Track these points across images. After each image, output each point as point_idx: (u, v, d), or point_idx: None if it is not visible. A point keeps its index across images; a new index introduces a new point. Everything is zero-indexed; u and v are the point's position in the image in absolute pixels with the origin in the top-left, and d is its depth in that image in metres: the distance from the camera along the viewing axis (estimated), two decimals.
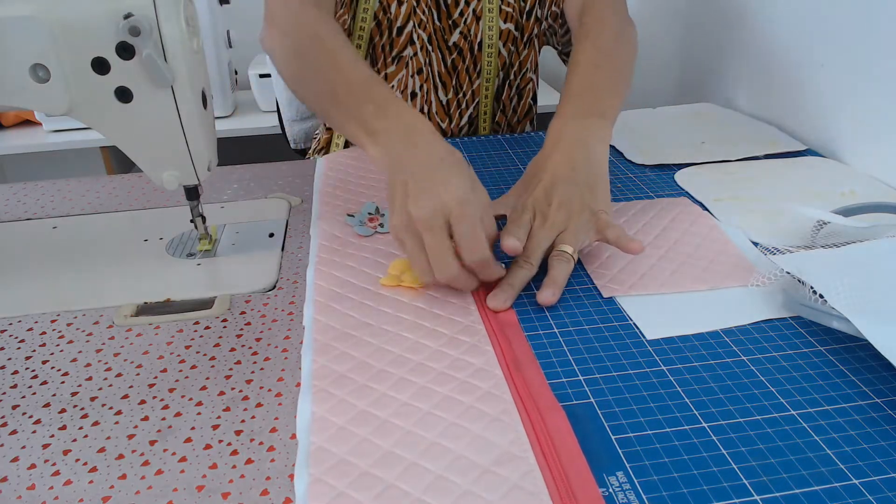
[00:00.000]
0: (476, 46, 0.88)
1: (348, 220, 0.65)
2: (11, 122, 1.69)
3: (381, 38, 0.86)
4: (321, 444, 0.40)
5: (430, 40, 0.87)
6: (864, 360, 0.47)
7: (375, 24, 0.85)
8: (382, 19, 0.85)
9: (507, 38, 0.89)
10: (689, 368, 0.47)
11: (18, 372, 0.50)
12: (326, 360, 0.47)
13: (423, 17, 0.85)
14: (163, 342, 0.52)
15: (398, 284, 0.55)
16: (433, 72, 0.89)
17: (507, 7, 0.87)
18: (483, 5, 0.86)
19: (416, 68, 0.88)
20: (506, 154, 0.85)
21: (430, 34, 0.86)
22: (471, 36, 0.86)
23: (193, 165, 0.59)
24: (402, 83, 0.89)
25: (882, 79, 0.72)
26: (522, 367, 0.46)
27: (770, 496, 0.37)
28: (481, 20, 0.86)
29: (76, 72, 0.53)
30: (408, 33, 0.85)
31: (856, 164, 0.77)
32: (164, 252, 0.65)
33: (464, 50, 0.88)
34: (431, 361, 0.46)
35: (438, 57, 0.88)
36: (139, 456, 0.42)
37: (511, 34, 0.89)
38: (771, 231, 0.63)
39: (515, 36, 0.89)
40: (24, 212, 0.75)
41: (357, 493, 0.37)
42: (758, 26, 0.93)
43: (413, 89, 0.90)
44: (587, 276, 0.58)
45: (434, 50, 0.87)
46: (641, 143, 0.85)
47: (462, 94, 0.91)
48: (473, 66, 0.90)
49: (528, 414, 0.42)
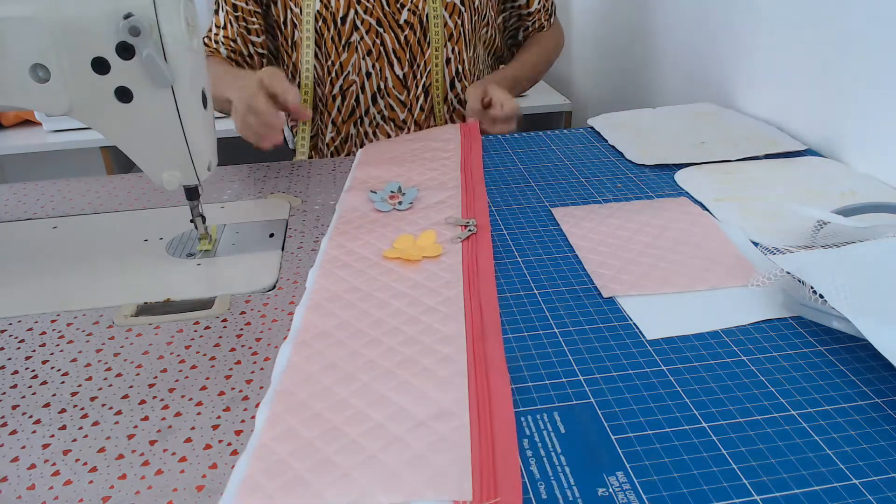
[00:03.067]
0: (425, 19, 0.98)
1: (371, 196, 0.71)
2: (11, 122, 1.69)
3: (329, 31, 0.97)
4: (288, 387, 0.45)
5: (380, 23, 0.97)
6: (864, 360, 0.47)
7: (322, 21, 0.97)
8: (326, 14, 0.96)
9: (453, 11, 0.99)
10: (689, 368, 0.47)
11: (18, 372, 0.50)
12: (315, 317, 0.52)
13: (367, 4, 0.96)
14: (163, 342, 0.52)
15: (398, 257, 0.60)
16: (386, 49, 0.99)
17: None
18: None
19: (366, 50, 0.99)
20: (506, 154, 0.86)
21: (379, 17, 0.97)
22: (419, 11, 0.97)
23: (193, 165, 0.59)
24: (356, 66, 0.99)
25: (882, 79, 0.72)
26: (487, 338, 0.49)
27: (770, 496, 0.37)
28: None
29: (76, 72, 0.53)
30: (351, 21, 0.97)
31: (856, 164, 0.77)
32: (164, 252, 0.65)
33: (414, 25, 0.98)
34: (406, 326, 0.51)
35: (391, 36, 0.98)
36: (139, 456, 0.42)
37: (456, 7, 0.99)
38: (771, 231, 0.63)
39: (461, 10, 1.00)
40: (24, 212, 0.75)
41: (306, 430, 0.41)
42: (758, 26, 0.93)
43: (367, 70, 0.99)
44: (587, 275, 0.58)
45: (386, 31, 0.98)
46: (641, 143, 0.85)
47: (416, 65, 1.01)
48: (424, 38, 0.99)
49: (476, 378, 0.44)
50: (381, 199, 0.70)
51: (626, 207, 0.68)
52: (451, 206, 0.69)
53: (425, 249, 0.60)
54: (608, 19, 1.44)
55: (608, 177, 0.77)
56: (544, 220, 0.68)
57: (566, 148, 0.87)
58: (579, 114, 1.66)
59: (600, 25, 1.48)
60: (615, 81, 1.44)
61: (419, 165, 0.79)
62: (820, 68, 0.81)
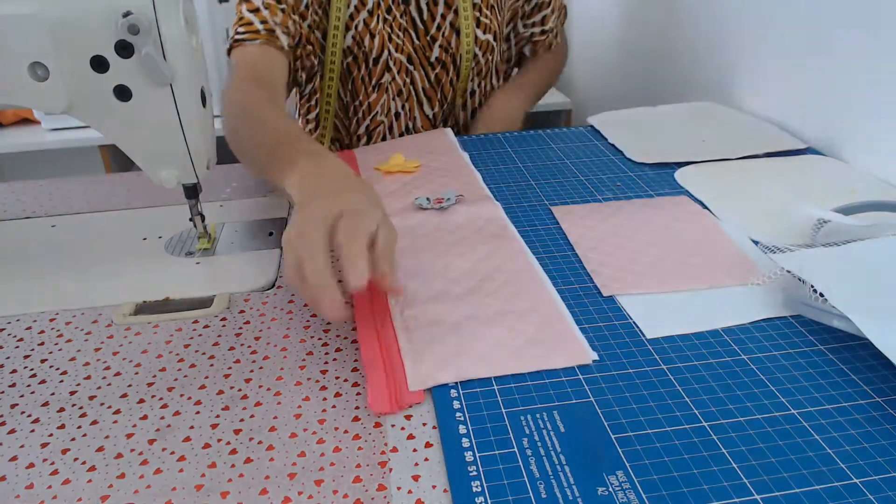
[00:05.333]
0: (458, 58, 0.91)
1: (416, 201, 0.70)
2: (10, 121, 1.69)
3: (360, 70, 0.90)
4: None
5: (411, 59, 0.90)
6: (865, 359, 0.47)
7: (352, 59, 0.88)
8: (358, 53, 0.88)
9: (486, 49, 0.93)
10: (690, 367, 0.47)
11: (17, 371, 0.49)
12: None
13: (398, 40, 0.88)
14: (161, 341, 0.52)
15: (388, 171, 0.72)
16: (416, 89, 0.92)
17: (486, 19, 0.91)
18: (460, 19, 0.89)
19: (396, 91, 0.91)
20: (506, 152, 0.85)
21: (410, 54, 0.89)
22: (451, 48, 0.90)
23: (192, 164, 0.59)
24: (385, 107, 0.92)
25: (882, 78, 0.72)
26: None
27: (770, 495, 0.37)
28: (460, 33, 0.89)
29: (75, 70, 0.53)
30: (383, 62, 0.89)
31: (856, 163, 0.76)
32: (162, 251, 0.65)
33: (446, 63, 0.91)
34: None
35: (421, 74, 0.91)
36: (138, 455, 0.42)
37: (489, 44, 0.92)
38: (771, 229, 0.63)
39: (493, 46, 0.93)
40: (22, 210, 0.75)
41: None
42: (759, 25, 0.93)
43: (396, 110, 0.93)
44: (587, 274, 0.58)
45: (416, 69, 0.91)
46: (641, 141, 0.85)
47: (446, 104, 0.95)
48: (457, 77, 0.93)
49: None
50: (426, 199, 0.70)
51: (626, 206, 0.68)
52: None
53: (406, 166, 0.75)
54: (608, 19, 1.44)
55: (608, 175, 0.77)
56: (544, 218, 0.68)
57: (566, 146, 0.87)
58: (580, 112, 1.66)
59: (600, 25, 1.48)
60: (615, 80, 1.44)
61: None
62: (820, 67, 0.81)
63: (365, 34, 0.87)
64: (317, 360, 0.50)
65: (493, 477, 0.38)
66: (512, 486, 0.38)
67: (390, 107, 0.93)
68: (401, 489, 0.39)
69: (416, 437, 0.42)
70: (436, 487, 0.39)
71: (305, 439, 0.42)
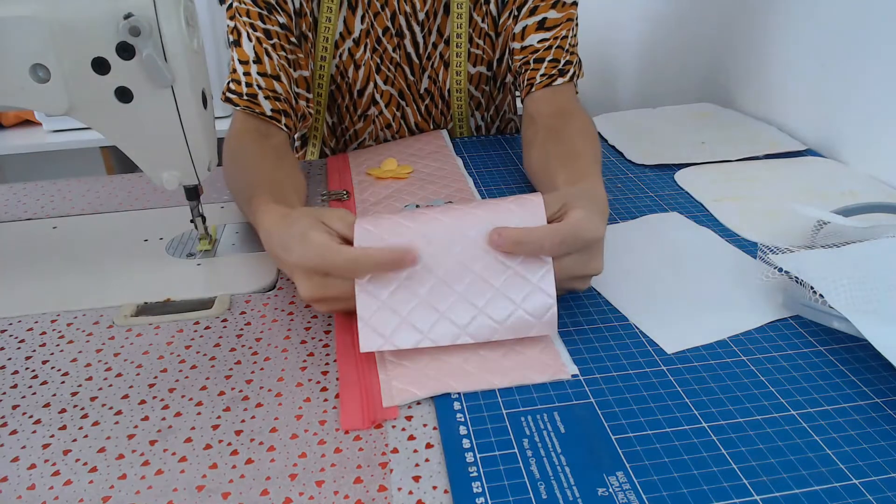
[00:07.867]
0: (446, 92, 0.88)
1: (405, 208, 0.70)
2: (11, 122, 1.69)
3: (343, 99, 0.88)
4: None
5: (402, 94, 0.87)
6: (864, 360, 0.47)
7: (335, 87, 0.86)
8: (341, 83, 0.86)
9: (480, 80, 0.89)
10: (689, 368, 0.47)
11: (18, 372, 0.50)
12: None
13: (388, 73, 0.85)
14: (163, 342, 0.52)
15: (380, 176, 0.73)
16: (408, 123, 0.90)
17: (478, 50, 0.87)
18: (451, 52, 0.86)
19: (384, 123, 0.89)
20: (506, 154, 0.85)
21: (402, 88, 0.87)
22: (439, 81, 0.87)
23: (193, 165, 0.59)
24: (373, 136, 0.91)
25: (882, 79, 0.72)
26: None
27: (770, 496, 0.37)
28: (449, 66, 0.86)
29: (76, 72, 0.53)
30: (369, 95, 0.87)
31: (856, 164, 0.77)
32: (163, 252, 0.65)
33: (434, 95, 0.89)
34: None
35: (413, 109, 0.89)
36: (139, 456, 0.42)
37: (483, 76, 0.89)
38: (771, 231, 0.63)
39: (488, 77, 0.90)
40: (23, 212, 0.75)
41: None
42: (758, 26, 0.93)
43: (385, 138, 0.91)
44: None
45: (409, 104, 0.88)
46: (641, 143, 0.85)
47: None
48: (447, 109, 0.90)
49: None
50: (414, 205, 0.70)
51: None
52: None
53: (398, 172, 0.76)
54: (608, 19, 1.44)
55: (608, 177, 0.77)
56: None
57: None
58: None
59: (600, 25, 1.48)
60: (615, 81, 1.44)
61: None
62: (820, 68, 0.81)
63: (349, 64, 0.84)
64: (318, 362, 0.50)
65: (493, 478, 0.39)
66: (512, 487, 0.38)
67: (378, 136, 0.91)
68: (401, 490, 0.39)
69: (417, 438, 0.42)
70: (436, 488, 0.39)
71: (306, 440, 0.43)
